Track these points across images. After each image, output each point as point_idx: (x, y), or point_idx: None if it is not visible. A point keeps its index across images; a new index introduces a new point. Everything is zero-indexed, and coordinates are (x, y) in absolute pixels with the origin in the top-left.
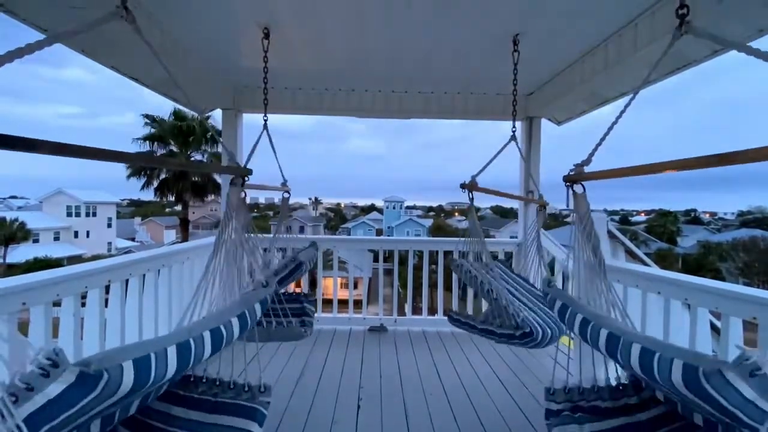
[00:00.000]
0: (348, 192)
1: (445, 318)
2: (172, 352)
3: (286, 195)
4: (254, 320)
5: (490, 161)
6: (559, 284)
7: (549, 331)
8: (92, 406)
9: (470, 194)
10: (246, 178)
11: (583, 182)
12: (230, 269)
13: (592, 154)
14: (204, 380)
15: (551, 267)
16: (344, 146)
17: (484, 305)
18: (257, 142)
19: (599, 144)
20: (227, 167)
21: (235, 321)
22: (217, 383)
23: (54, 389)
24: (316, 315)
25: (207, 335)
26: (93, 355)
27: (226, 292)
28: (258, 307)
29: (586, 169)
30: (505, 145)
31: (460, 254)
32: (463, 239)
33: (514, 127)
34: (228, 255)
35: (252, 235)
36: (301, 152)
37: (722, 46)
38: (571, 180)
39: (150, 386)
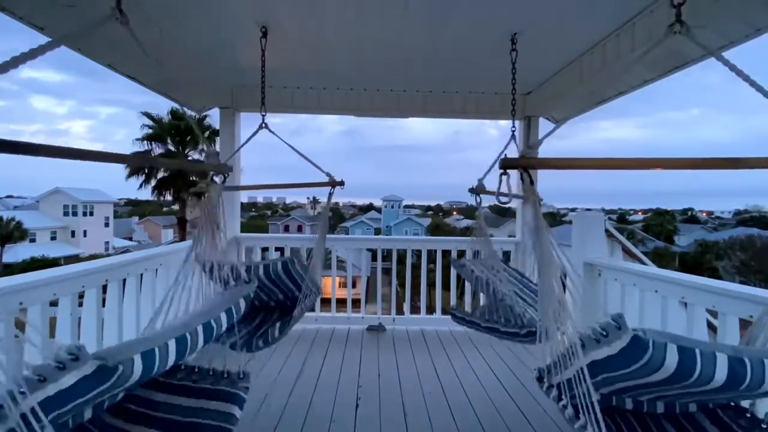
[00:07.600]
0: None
1: (444, 317)
2: (172, 346)
3: (332, 190)
4: (239, 315)
5: (494, 163)
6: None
7: None
8: (103, 394)
9: (478, 198)
10: (226, 175)
11: (529, 169)
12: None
13: (545, 137)
14: (183, 367)
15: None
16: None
17: (482, 300)
18: (247, 140)
19: (553, 129)
20: (206, 164)
21: (223, 315)
22: (196, 370)
23: (69, 380)
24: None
25: (200, 329)
26: (106, 349)
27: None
28: (242, 303)
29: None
30: (507, 145)
31: (471, 254)
32: (469, 238)
33: (513, 126)
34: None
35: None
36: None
37: (706, 51)
38: (507, 166)
39: (151, 376)
